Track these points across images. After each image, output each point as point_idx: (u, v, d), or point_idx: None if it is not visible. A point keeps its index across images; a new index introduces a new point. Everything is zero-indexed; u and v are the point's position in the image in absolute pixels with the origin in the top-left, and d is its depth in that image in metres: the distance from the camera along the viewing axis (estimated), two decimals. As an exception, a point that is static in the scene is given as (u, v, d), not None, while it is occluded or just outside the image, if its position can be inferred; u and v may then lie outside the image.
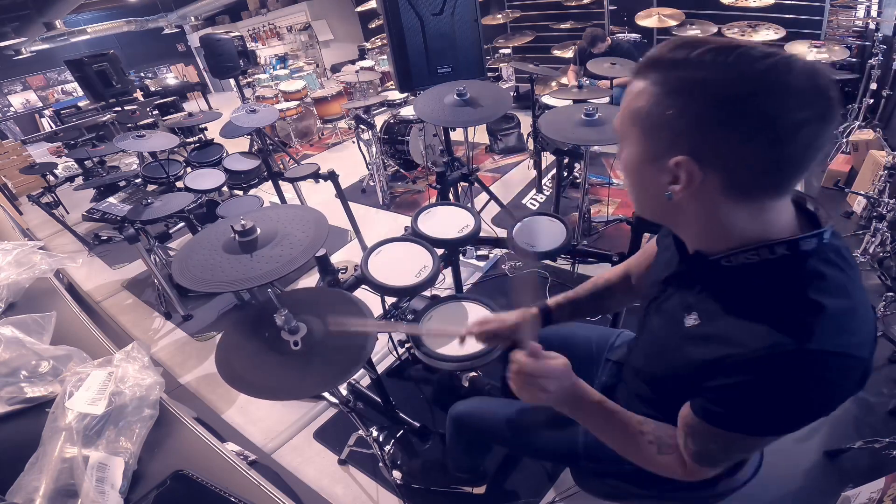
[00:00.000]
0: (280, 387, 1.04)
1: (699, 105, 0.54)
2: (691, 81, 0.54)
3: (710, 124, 0.54)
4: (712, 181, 0.56)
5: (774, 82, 0.51)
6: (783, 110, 0.51)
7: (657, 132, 0.58)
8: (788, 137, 0.52)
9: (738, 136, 0.53)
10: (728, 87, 0.52)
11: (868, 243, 2.25)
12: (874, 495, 1.24)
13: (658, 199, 0.62)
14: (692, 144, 0.55)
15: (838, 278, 0.58)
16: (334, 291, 1.32)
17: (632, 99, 0.60)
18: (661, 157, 0.58)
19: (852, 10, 4.10)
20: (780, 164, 0.54)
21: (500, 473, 1.63)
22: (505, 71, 5.90)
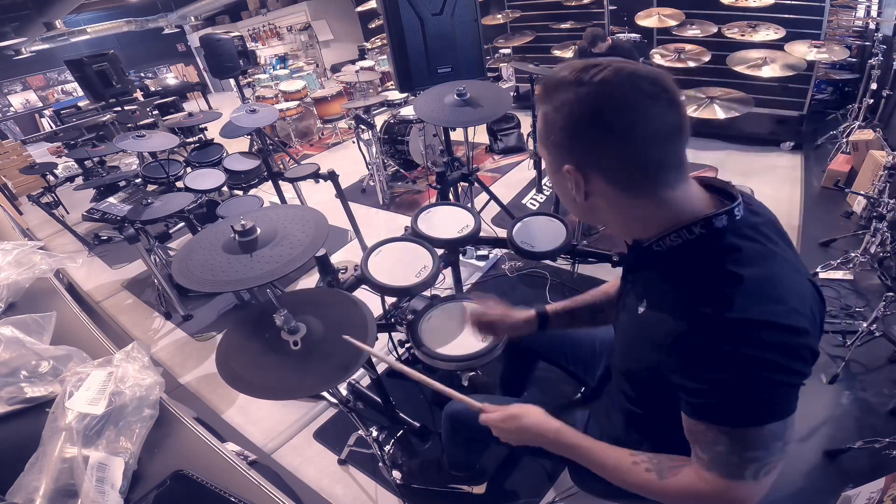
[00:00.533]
0: (280, 387, 1.04)
1: (569, 121, 0.63)
2: (563, 102, 0.63)
3: (580, 136, 0.63)
4: (597, 183, 0.65)
5: (626, 90, 0.59)
6: (639, 112, 0.59)
7: (553, 148, 0.68)
8: (645, 137, 0.60)
9: (602, 144, 0.62)
10: (589, 102, 0.61)
11: (868, 243, 2.25)
12: (874, 495, 1.24)
13: (573, 204, 0.71)
14: (573, 154, 0.65)
15: (755, 250, 0.62)
16: (334, 291, 1.32)
17: (539, 122, 0.70)
18: (560, 167, 0.67)
19: (852, 10, 4.10)
20: (647, 160, 0.62)
21: (499, 473, 1.63)
22: (505, 71, 5.90)
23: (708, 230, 0.63)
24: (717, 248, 0.63)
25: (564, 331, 1.27)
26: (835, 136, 3.55)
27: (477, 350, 1.27)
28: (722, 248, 0.62)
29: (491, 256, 2.80)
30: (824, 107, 4.28)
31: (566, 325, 1.12)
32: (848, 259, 2.32)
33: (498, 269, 2.76)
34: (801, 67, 3.27)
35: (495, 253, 2.82)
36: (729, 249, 0.62)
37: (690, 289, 0.62)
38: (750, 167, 3.59)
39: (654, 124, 0.60)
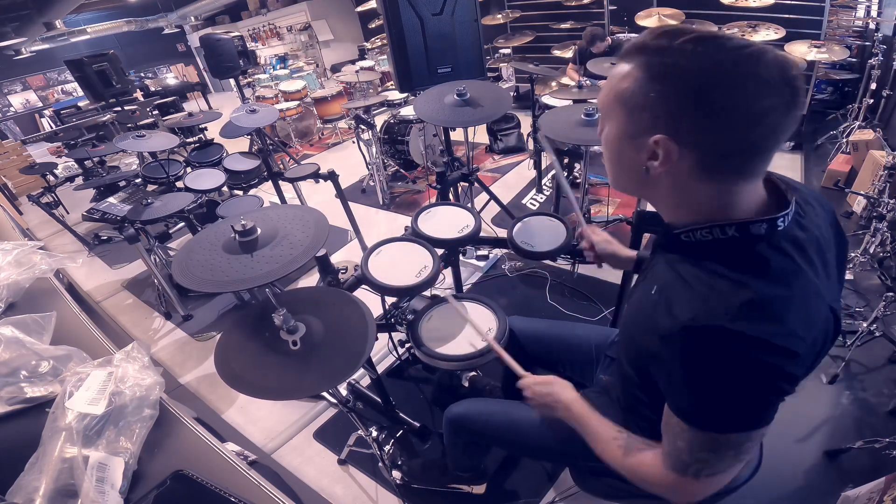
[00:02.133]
0: (279, 387, 1.04)
1: (677, 90, 0.57)
2: (672, 68, 0.57)
3: (687, 108, 0.58)
4: (686, 160, 0.61)
5: (745, 73, 0.54)
6: (752, 99, 0.55)
7: (639, 112, 0.62)
8: (755, 124, 0.56)
9: (711, 121, 0.57)
10: (703, 76, 0.56)
11: (868, 243, 2.25)
12: (874, 495, 1.24)
13: (634, 173, 0.67)
14: (670, 125, 0.59)
15: (783, 267, 0.60)
16: (334, 291, 1.32)
17: (617, 80, 0.63)
18: (641, 135, 0.62)
19: (852, 10, 4.10)
20: (746, 147, 0.58)
21: (500, 473, 1.63)
22: (505, 71, 5.90)
23: (742, 234, 0.61)
24: (744, 256, 0.61)
25: (560, 335, 1.29)
26: (835, 136, 3.55)
27: (477, 350, 1.26)
28: (749, 256, 0.60)
29: (491, 256, 2.80)
30: (824, 107, 4.28)
31: None
32: (848, 259, 2.31)
33: (498, 269, 2.76)
34: (801, 67, 3.25)
35: (495, 253, 2.82)
36: (755, 260, 0.60)
37: (702, 289, 0.61)
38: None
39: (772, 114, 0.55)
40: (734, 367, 0.57)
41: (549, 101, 3.42)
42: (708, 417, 0.62)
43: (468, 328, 1.36)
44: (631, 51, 0.62)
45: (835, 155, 3.34)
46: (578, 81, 3.06)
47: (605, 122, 0.69)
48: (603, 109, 0.68)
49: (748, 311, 0.56)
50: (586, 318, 2.28)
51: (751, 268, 0.59)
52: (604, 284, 2.46)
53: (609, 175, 0.74)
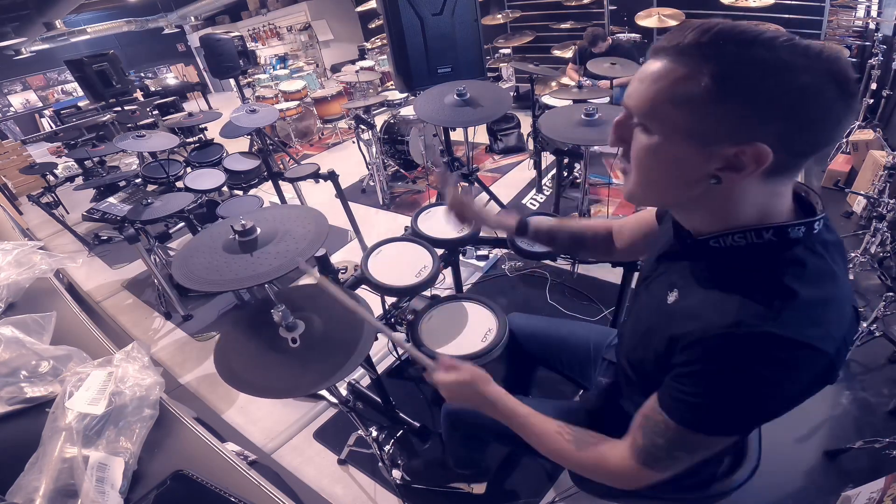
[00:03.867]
0: (280, 385, 1.04)
1: (757, 92, 0.52)
2: (748, 67, 0.51)
3: (777, 110, 0.52)
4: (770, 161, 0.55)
5: (837, 73, 0.51)
6: (836, 99, 0.52)
7: (714, 117, 0.54)
8: (831, 124, 0.53)
9: (801, 123, 0.52)
10: (801, 74, 0.51)
11: (868, 243, 2.25)
12: (874, 495, 1.24)
13: (689, 185, 0.60)
14: (758, 130, 0.53)
15: (819, 269, 0.58)
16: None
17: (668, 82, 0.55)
18: (716, 142, 0.55)
19: (852, 10, 4.10)
20: (817, 146, 0.55)
21: (500, 473, 1.63)
22: (505, 71, 5.89)
23: (780, 238, 0.59)
24: (782, 259, 0.59)
25: (559, 333, 1.28)
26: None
27: (477, 350, 1.27)
28: (787, 259, 0.59)
29: (491, 256, 2.80)
30: (824, 107, 4.27)
31: (544, 242, 1.13)
32: (848, 259, 2.32)
33: (498, 269, 2.76)
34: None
35: (495, 253, 2.82)
36: (793, 263, 0.58)
37: (738, 294, 0.58)
38: (750, 167, 3.59)
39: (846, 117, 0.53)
40: (772, 371, 0.56)
41: (549, 101, 3.42)
42: (709, 421, 0.61)
43: (469, 327, 1.37)
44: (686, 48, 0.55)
45: (835, 155, 3.34)
46: (578, 81, 3.06)
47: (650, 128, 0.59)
48: (645, 113, 0.59)
49: (791, 315, 0.55)
50: (586, 318, 2.28)
51: (789, 271, 0.58)
52: (604, 284, 2.46)
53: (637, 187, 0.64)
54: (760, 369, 0.56)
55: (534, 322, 1.35)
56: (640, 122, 0.60)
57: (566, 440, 0.78)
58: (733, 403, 0.59)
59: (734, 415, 0.60)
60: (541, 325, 1.33)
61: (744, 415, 0.60)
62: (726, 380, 0.58)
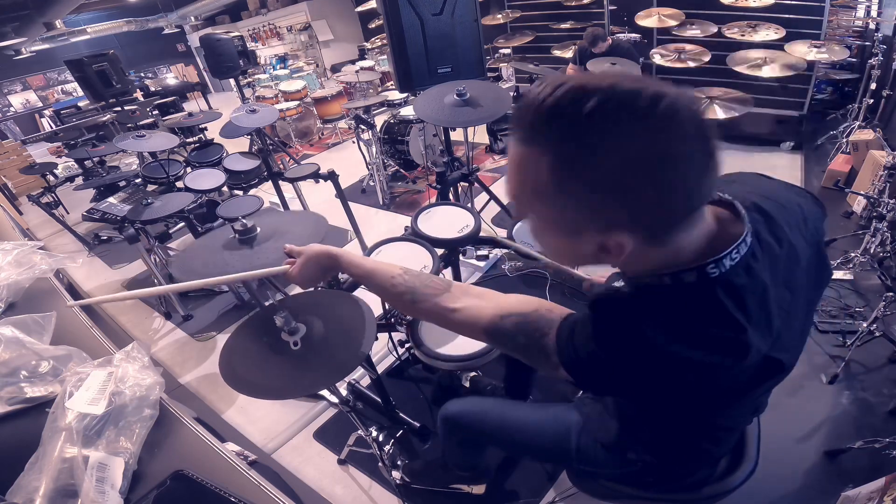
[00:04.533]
0: (281, 386, 1.04)
1: (613, 181, 0.49)
2: (594, 156, 0.48)
3: (626, 197, 0.50)
4: (624, 241, 0.53)
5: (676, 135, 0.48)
6: (687, 162, 0.49)
7: (565, 208, 0.53)
8: (696, 183, 0.50)
9: (657, 194, 0.49)
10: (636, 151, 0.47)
11: (868, 243, 2.26)
12: (874, 495, 1.24)
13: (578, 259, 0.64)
14: (613, 220, 0.52)
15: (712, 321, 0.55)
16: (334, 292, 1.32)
17: (530, 171, 0.52)
18: (581, 231, 0.55)
19: (852, 10, 4.10)
20: (687, 211, 0.53)
21: (500, 473, 1.63)
22: (505, 71, 5.89)
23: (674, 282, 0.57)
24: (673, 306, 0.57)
25: None
26: (835, 136, 3.55)
27: (477, 350, 1.27)
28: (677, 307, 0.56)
29: (491, 256, 2.80)
30: (824, 107, 4.28)
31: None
32: (848, 259, 2.32)
33: (498, 269, 2.76)
34: (801, 67, 3.27)
35: (495, 253, 2.82)
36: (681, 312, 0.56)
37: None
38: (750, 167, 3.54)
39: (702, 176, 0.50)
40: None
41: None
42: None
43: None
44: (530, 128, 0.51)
45: (835, 155, 3.34)
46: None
47: (524, 213, 0.59)
48: (518, 203, 0.58)
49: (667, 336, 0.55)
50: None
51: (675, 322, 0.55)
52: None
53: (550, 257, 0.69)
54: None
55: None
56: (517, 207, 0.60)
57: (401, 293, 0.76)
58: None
59: None
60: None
61: None
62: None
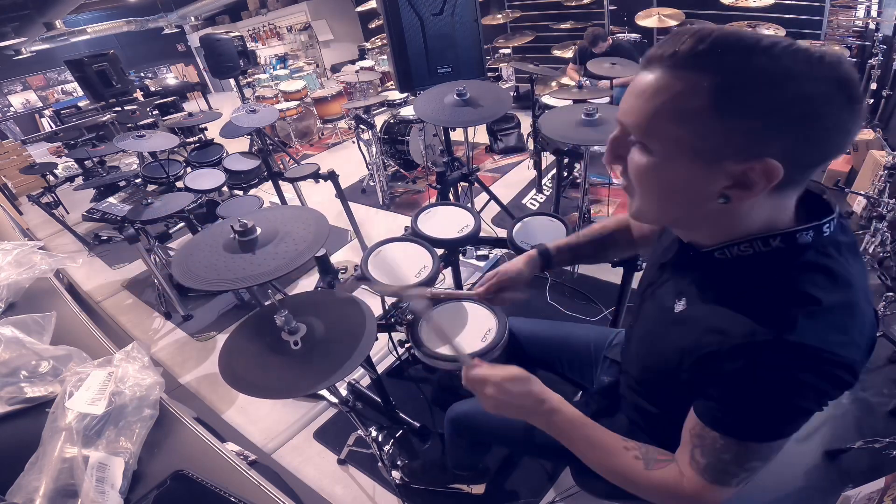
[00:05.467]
0: (282, 386, 1.04)
1: (774, 102, 0.49)
2: (754, 78, 0.49)
3: (784, 122, 0.50)
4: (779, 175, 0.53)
5: (841, 78, 0.49)
6: (835, 110, 0.50)
7: (717, 134, 0.52)
8: (841, 137, 0.51)
9: (809, 134, 0.50)
10: (806, 82, 0.48)
11: (868, 243, 2.25)
12: (874, 495, 1.24)
13: (691, 205, 0.58)
14: (771, 145, 0.51)
15: (835, 273, 0.56)
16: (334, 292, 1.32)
17: (669, 96, 0.53)
18: (721, 160, 0.53)
19: (852, 10, 4.10)
20: (827, 157, 0.54)
21: (499, 473, 1.63)
22: (505, 71, 5.89)
23: (788, 245, 0.57)
24: (794, 266, 0.57)
25: (558, 333, 1.27)
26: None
27: (477, 350, 1.26)
28: (799, 266, 0.56)
29: (491, 256, 2.80)
30: (824, 107, 4.27)
31: (570, 261, 1.09)
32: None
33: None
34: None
35: (495, 253, 2.82)
36: (806, 269, 0.56)
37: (751, 304, 0.57)
38: (750, 167, 3.59)
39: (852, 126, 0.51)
40: (793, 380, 0.54)
41: (549, 101, 3.42)
42: (761, 431, 0.60)
43: (468, 327, 1.36)
44: (697, 55, 0.51)
45: (835, 155, 3.34)
46: (578, 81, 3.06)
47: (647, 145, 0.56)
48: (643, 132, 0.56)
49: (809, 322, 0.54)
50: (586, 318, 2.28)
51: (804, 276, 0.56)
52: (604, 284, 2.46)
53: (643, 206, 0.63)
54: (781, 377, 0.55)
55: (534, 325, 1.34)
56: (637, 140, 0.58)
57: (635, 457, 0.70)
58: (766, 409, 0.57)
59: (774, 419, 0.58)
60: (541, 328, 1.33)
61: (783, 418, 0.58)
62: (754, 390, 0.57)
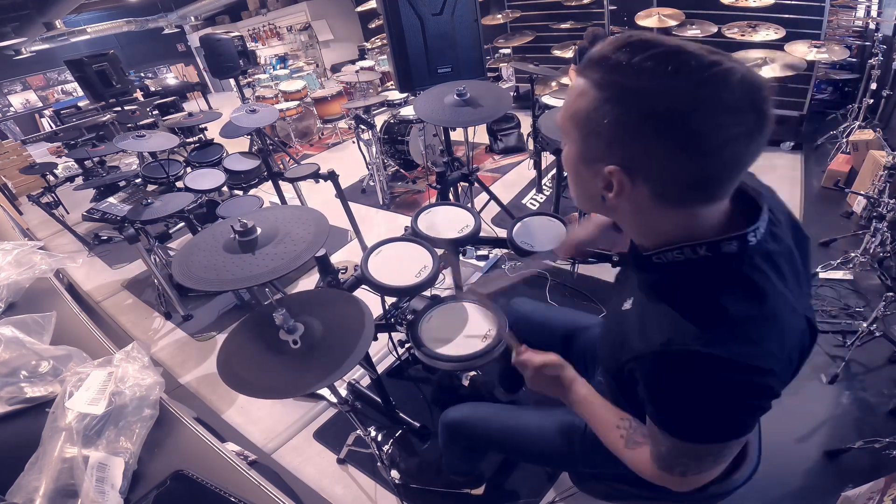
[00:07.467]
0: (281, 386, 1.04)
1: (632, 115, 0.53)
2: (628, 90, 0.52)
3: (641, 136, 0.53)
4: (642, 190, 0.57)
5: (707, 98, 0.50)
6: (712, 127, 0.50)
7: (594, 137, 0.57)
8: (715, 153, 0.52)
9: (667, 150, 0.53)
10: (661, 100, 0.51)
11: (868, 243, 2.25)
12: (874, 495, 1.24)
13: (594, 199, 0.63)
14: (624, 154, 0.56)
15: (755, 284, 0.58)
16: (333, 291, 1.32)
17: (574, 98, 0.59)
18: (596, 161, 0.59)
19: (852, 10, 4.10)
20: (706, 177, 0.55)
21: (499, 474, 1.63)
22: (505, 71, 5.90)
23: (714, 253, 0.59)
24: (717, 275, 0.59)
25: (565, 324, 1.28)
26: (835, 136, 3.55)
27: (477, 350, 1.26)
28: (722, 275, 0.59)
29: (491, 256, 2.80)
30: (824, 107, 4.28)
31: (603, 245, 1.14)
32: (848, 259, 2.32)
33: (498, 269, 2.76)
34: (800, 67, 3.27)
35: (495, 253, 2.82)
36: (727, 279, 0.59)
37: (675, 312, 0.60)
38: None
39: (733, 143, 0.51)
40: (709, 389, 0.57)
41: (549, 101, 3.42)
42: (685, 430, 0.63)
43: (468, 327, 1.36)
44: (589, 65, 0.56)
45: (835, 155, 3.34)
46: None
47: (564, 140, 0.64)
48: (560, 127, 0.64)
49: (722, 332, 0.56)
50: (586, 318, 2.27)
51: (724, 288, 0.58)
52: (604, 284, 2.46)
53: (572, 195, 0.70)
54: (693, 386, 0.57)
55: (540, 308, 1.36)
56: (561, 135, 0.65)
57: (619, 435, 0.80)
58: (691, 415, 0.61)
59: (697, 424, 0.61)
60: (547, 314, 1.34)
61: (709, 424, 0.61)
62: (670, 395, 0.61)
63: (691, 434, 0.63)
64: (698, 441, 0.63)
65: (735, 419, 0.60)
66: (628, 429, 0.80)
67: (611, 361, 0.75)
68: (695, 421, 0.61)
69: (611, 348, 0.76)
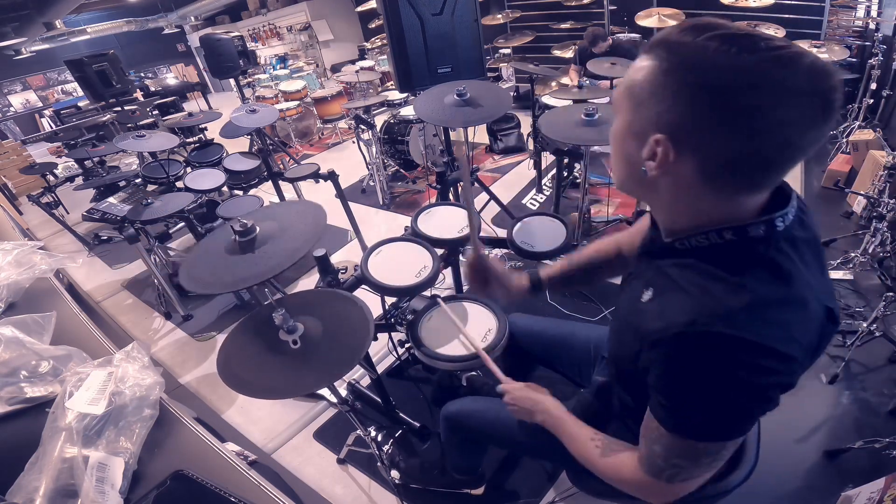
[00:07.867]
0: (281, 386, 1.04)
1: (687, 88, 0.53)
2: (687, 63, 0.53)
3: (693, 106, 0.53)
4: (686, 165, 0.57)
5: (768, 76, 0.49)
6: (768, 108, 0.50)
7: (644, 107, 0.58)
8: (767, 134, 0.51)
9: (717, 126, 0.52)
10: (720, 75, 0.51)
11: (868, 243, 2.26)
12: (874, 495, 1.24)
13: (635, 173, 0.63)
14: (672, 125, 0.55)
15: (782, 269, 0.57)
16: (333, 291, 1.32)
17: (632, 72, 0.59)
18: (644, 131, 0.58)
19: (852, 10, 4.10)
20: (754, 160, 0.54)
21: (499, 474, 1.63)
22: (505, 71, 5.90)
23: (739, 237, 0.58)
24: (743, 259, 0.58)
25: (561, 337, 1.28)
26: (835, 136, 3.55)
27: (476, 351, 1.26)
28: (748, 259, 0.58)
29: (491, 256, 2.79)
30: (824, 107, 4.27)
31: (562, 288, 1.15)
32: (848, 259, 2.32)
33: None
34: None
35: (495, 253, 2.81)
36: (754, 262, 0.58)
37: (698, 293, 0.58)
38: (750, 167, 3.59)
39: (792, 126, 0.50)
40: (727, 374, 0.55)
41: (549, 101, 3.42)
42: (690, 425, 0.61)
43: (468, 327, 1.36)
44: (654, 43, 0.57)
45: (835, 155, 3.34)
46: (579, 82, 3.06)
47: (616, 114, 0.64)
48: (614, 102, 0.64)
49: (747, 314, 0.55)
50: (586, 318, 2.28)
51: (749, 270, 0.57)
52: (604, 284, 2.45)
53: (613, 174, 0.69)
54: (712, 369, 0.56)
55: (535, 322, 1.35)
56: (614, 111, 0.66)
57: (594, 446, 0.81)
58: (702, 404, 0.59)
59: (709, 417, 0.60)
60: (542, 325, 1.33)
61: (719, 416, 0.59)
62: (686, 380, 0.59)
63: (695, 428, 0.61)
64: (700, 437, 0.62)
65: (744, 412, 0.59)
66: (603, 440, 0.81)
67: (623, 351, 0.73)
68: (703, 411, 0.59)
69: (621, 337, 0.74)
